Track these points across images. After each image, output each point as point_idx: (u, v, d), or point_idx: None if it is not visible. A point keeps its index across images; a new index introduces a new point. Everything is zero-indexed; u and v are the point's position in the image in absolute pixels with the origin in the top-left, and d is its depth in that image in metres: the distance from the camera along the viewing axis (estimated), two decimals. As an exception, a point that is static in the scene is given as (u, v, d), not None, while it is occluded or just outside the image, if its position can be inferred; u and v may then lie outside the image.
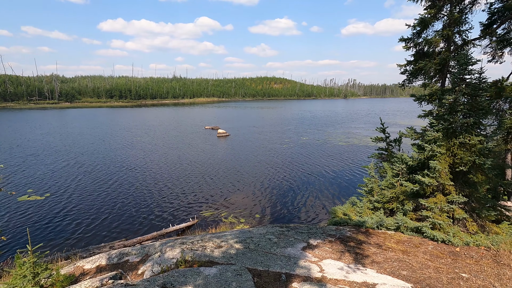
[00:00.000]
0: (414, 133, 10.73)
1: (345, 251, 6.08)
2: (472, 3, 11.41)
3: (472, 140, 7.00)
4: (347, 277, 4.79)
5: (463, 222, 7.34)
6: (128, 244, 11.73)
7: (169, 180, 20.74)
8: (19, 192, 18.01)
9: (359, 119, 66.39)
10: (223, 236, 6.95)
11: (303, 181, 21.00)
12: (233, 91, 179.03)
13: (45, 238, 12.81)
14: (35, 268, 4.52)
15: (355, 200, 10.84)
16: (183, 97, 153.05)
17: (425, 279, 4.82)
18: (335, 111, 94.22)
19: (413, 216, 7.92)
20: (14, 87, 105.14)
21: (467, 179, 7.48)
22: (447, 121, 7.44)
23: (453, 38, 11.31)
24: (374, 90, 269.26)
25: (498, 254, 5.75)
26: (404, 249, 6.26)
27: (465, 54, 7.40)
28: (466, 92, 7.28)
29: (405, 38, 12.22)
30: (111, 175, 21.87)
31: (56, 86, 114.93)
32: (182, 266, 4.94)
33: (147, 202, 16.88)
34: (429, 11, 11.15)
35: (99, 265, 5.89)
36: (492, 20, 11.25)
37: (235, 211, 15.91)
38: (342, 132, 45.20)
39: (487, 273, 4.97)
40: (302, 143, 35.53)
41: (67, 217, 14.78)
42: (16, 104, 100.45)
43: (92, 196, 17.54)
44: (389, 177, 9.47)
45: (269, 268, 4.99)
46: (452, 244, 6.47)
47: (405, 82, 12.89)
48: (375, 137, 12.70)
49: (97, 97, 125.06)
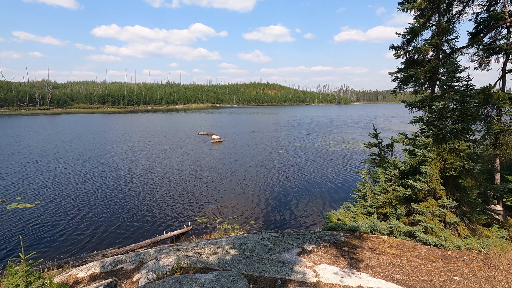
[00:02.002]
0: (406, 139, 10.93)
1: (339, 256, 6.13)
2: (460, 12, 11.82)
3: (461, 145, 7.19)
4: (342, 282, 4.84)
5: (455, 226, 7.48)
6: (121, 251, 11.58)
7: (162, 187, 20.59)
8: (9, 200, 17.64)
9: (353, 125, 67.13)
10: (218, 242, 6.94)
11: (297, 186, 21.08)
12: (227, 97, 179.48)
13: (36, 247, 12.54)
14: (28, 277, 4.45)
15: (349, 205, 10.93)
16: (177, 103, 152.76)
17: (418, 282, 4.90)
18: (329, 116, 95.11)
19: (406, 221, 8.04)
20: (4, 92, 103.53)
21: (457, 183, 7.65)
22: (437, 127, 7.63)
23: (441, 46, 11.65)
24: (366, 96, 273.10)
25: (489, 257, 5.88)
26: (397, 253, 6.35)
27: (453, 62, 7.65)
28: (455, 98, 7.51)
29: (395, 46, 12.55)
30: (103, 182, 21.60)
31: (48, 92, 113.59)
32: (178, 273, 4.92)
33: (140, 209, 16.70)
34: (418, 20, 11.50)
35: (92, 273, 5.81)
36: (479, 29, 11.66)
37: (230, 217, 15.85)
38: (336, 138, 45.60)
39: (478, 276, 5.07)
40: (296, 149, 35.72)
41: (58, 225, 14.52)
42: (6, 110, 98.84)
43: (83, 204, 17.27)
44: (382, 182, 9.60)
45: (264, 273, 5.00)
46: (444, 247, 6.59)
47: (397, 89, 13.19)
48: (368, 143, 12.88)
49: (89, 103, 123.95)
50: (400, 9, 11.95)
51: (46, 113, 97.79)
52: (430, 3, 11.29)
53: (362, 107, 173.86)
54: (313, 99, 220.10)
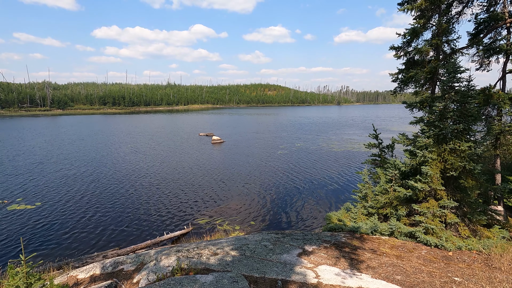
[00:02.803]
0: (406, 139, 10.93)
1: (340, 257, 6.12)
2: (459, 13, 11.83)
3: (462, 146, 7.19)
4: (343, 283, 4.83)
5: (455, 227, 7.47)
6: (121, 253, 11.57)
7: (163, 188, 20.59)
8: (9, 201, 17.65)
9: (354, 125, 67.11)
10: (218, 243, 6.93)
11: (297, 187, 21.06)
12: (228, 98, 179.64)
13: (36, 248, 12.54)
14: (28, 279, 4.45)
15: (349, 206, 10.92)
16: (177, 104, 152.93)
17: (418, 283, 4.89)
18: (330, 117, 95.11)
19: (406, 221, 8.03)
20: (5, 94, 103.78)
21: (458, 184, 7.64)
22: (437, 128, 7.63)
23: (442, 47, 11.66)
24: (367, 97, 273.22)
25: (490, 257, 5.87)
26: (398, 254, 6.34)
27: (454, 63, 7.65)
28: (455, 99, 7.50)
29: (395, 46, 12.56)
30: (103, 183, 21.61)
31: (48, 93, 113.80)
32: (178, 274, 4.92)
33: (140, 210, 16.70)
34: (418, 21, 11.51)
35: (93, 274, 5.81)
36: (479, 29, 11.66)
37: (230, 218, 15.84)
38: (337, 138, 45.59)
39: (479, 277, 5.06)
40: (296, 149, 35.71)
41: (58, 226, 14.52)
42: (7, 111, 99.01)
43: (83, 204, 17.28)
44: (383, 182, 9.59)
45: (265, 274, 5.00)
46: (445, 248, 6.57)
47: (397, 89, 13.19)
48: (368, 143, 12.88)
49: (90, 104, 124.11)
50: (400, 9, 11.97)
51: (47, 114, 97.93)
52: (430, 4, 11.30)
53: (362, 108, 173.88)
54: (313, 100, 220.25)
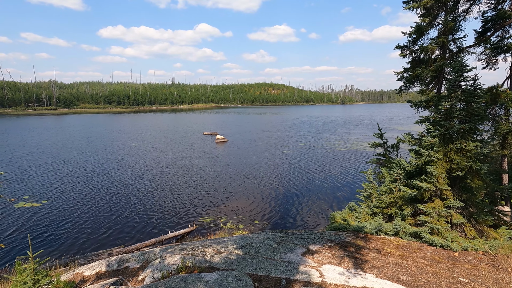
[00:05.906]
0: (412, 139, 10.84)
1: (344, 256, 6.11)
2: (466, 11, 11.68)
3: (468, 145, 7.11)
4: (347, 282, 4.82)
5: (461, 227, 7.40)
6: (126, 250, 11.67)
7: (167, 186, 20.71)
8: (16, 198, 17.91)
9: (360, 124, 66.73)
10: (223, 242, 6.96)
11: (301, 186, 21.03)
12: (232, 97, 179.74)
13: (42, 245, 12.71)
14: (36, 275, 4.51)
15: (353, 206, 10.88)
16: (182, 103, 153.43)
17: (424, 283, 4.85)
18: (335, 116, 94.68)
19: (411, 221, 7.98)
20: (12, 93, 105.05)
21: (464, 184, 7.56)
22: (443, 127, 7.55)
23: (448, 45, 11.53)
24: (371, 96, 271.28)
25: (496, 258, 5.81)
26: (403, 254, 6.30)
27: (460, 61, 7.56)
28: (461, 98, 7.42)
29: (401, 45, 12.45)
30: (108, 181, 21.80)
31: (54, 92, 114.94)
32: (183, 272, 4.95)
33: (145, 208, 16.82)
34: (424, 19, 11.39)
35: (99, 271, 5.88)
36: (486, 28, 11.50)
37: (234, 217, 15.88)
38: (341, 138, 45.39)
39: (485, 278, 5.01)
40: (300, 149, 35.63)
41: (64, 224, 14.69)
42: (14, 110, 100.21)
43: (89, 203, 17.46)
44: (387, 182, 9.54)
45: (269, 273, 5.01)
46: (451, 249, 6.51)
47: (402, 88, 13.08)
48: (373, 143, 12.81)
49: (95, 103, 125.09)
50: (405, 7, 11.85)
51: (53, 113, 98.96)
52: (436, 2, 11.17)
53: (367, 107, 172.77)
54: (317, 99, 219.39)
